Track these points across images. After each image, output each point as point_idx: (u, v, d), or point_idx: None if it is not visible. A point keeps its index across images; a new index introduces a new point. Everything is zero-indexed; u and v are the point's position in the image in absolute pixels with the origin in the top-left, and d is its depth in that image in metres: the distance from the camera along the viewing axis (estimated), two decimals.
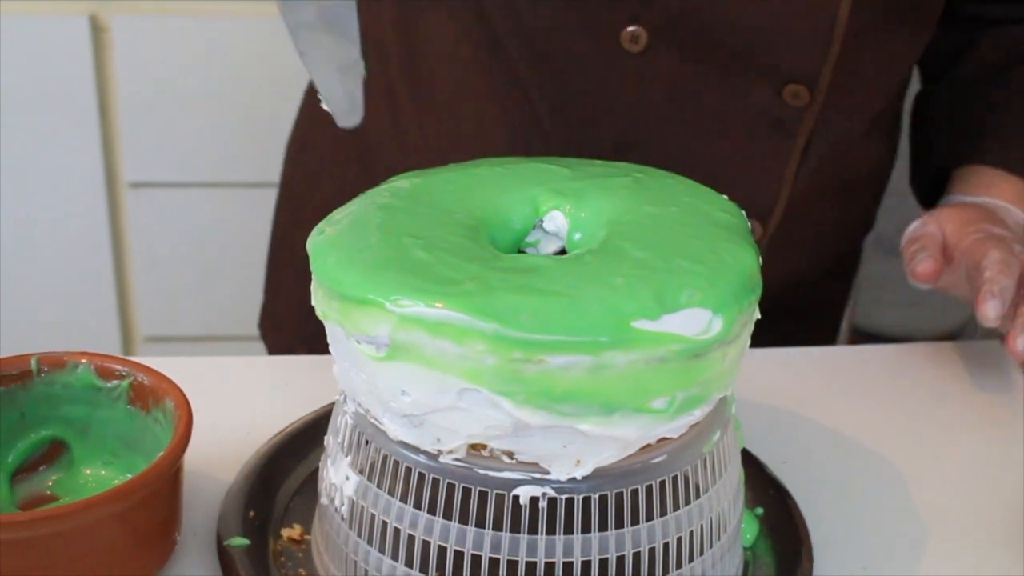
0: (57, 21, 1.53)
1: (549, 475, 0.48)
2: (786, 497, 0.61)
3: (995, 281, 0.67)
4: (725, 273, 0.49)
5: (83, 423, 0.59)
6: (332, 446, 0.54)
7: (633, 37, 0.74)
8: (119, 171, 1.61)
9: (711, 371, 0.48)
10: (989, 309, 0.66)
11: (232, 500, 0.59)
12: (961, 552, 0.61)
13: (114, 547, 0.52)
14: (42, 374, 0.58)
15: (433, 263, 0.48)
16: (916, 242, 0.75)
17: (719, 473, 0.53)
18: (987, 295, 0.67)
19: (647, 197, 0.55)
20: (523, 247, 0.56)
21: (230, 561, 0.55)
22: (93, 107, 1.56)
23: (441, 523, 0.49)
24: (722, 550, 0.54)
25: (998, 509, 0.64)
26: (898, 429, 0.72)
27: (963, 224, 0.75)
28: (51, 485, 0.59)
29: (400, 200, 0.54)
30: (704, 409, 0.50)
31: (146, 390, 0.57)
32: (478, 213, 0.54)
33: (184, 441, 0.53)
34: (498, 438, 0.47)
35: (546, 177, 0.57)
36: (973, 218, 0.76)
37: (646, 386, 0.46)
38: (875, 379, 0.77)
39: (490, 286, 0.46)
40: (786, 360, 0.79)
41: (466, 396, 0.46)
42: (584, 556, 0.49)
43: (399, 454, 0.50)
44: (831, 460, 0.68)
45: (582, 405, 0.46)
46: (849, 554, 0.60)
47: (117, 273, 1.68)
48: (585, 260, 0.50)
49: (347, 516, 0.52)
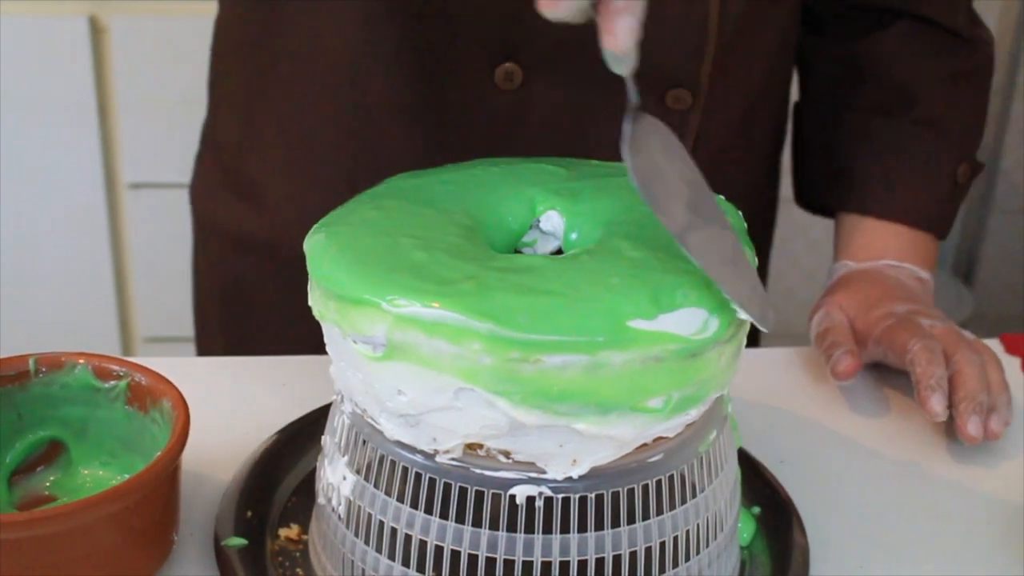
0: (56, 22, 1.53)
1: (545, 474, 0.48)
2: (783, 496, 0.61)
3: (929, 374, 0.68)
4: None
5: (81, 423, 0.59)
6: (329, 446, 0.54)
7: (507, 74, 0.73)
8: (118, 172, 1.62)
9: (707, 371, 0.49)
10: (935, 404, 0.67)
11: (230, 500, 0.59)
12: (959, 552, 0.61)
13: (112, 547, 0.52)
14: (40, 374, 0.58)
15: (430, 263, 0.48)
16: (827, 336, 0.75)
17: (715, 472, 0.53)
18: (928, 391, 0.68)
19: None
20: (520, 247, 0.56)
21: (228, 561, 0.55)
22: (92, 108, 1.56)
23: (438, 523, 0.50)
24: (718, 549, 0.54)
25: (996, 508, 0.64)
26: (896, 428, 0.72)
27: (868, 308, 0.76)
28: (49, 485, 0.59)
29: (397, 200, 0.54)
30: (700, 408, 0.50)
31: (144, 390, 0.57)
32: (475, 213, 0.54)
33: (181, 441, 0.53)
34: (494, 437, 0.47)
35: (543, 177, 0.57)
36: (873, 298, 0.77)
37: (642, 386, 0.46)
38: (873, 377, 0.77)
39: (486, 286, 0.47)
40: (784, 359, 0.79)
41: (462, 396, 0.46)
42: (580, 555, 0.49)
43: (396, 454, 0.50)
44: (828, 460, 0.68)
45: (578, 405, 0.46)
46: (846, 554, 0.60)
47: (116, 274, 1.68)
48: (581, 260, 0.50)
49: (344, 516, 0.52)
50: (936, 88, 0.83)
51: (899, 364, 0.72)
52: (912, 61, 0.84)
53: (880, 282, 0.79)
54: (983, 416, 0.67)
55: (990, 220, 2.30)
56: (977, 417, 0.67)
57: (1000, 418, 0.68)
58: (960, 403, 0.68)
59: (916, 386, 0.69)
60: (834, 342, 0.74)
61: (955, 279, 2.23)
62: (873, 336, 0.74)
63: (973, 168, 0.85)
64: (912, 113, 0.83)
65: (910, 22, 0.84)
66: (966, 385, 0.68)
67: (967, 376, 0.68)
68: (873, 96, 0.85)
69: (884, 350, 0.74)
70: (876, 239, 0.83)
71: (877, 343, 0.74)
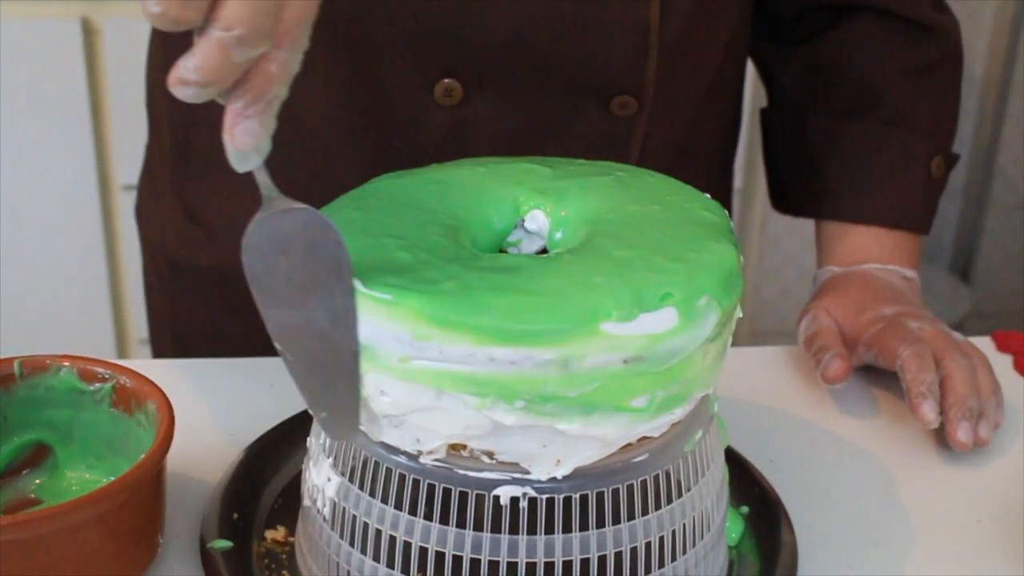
0: (49, 24, 1.52)
1: (529, 475, 0.48)
2: (772, 496, 0.61)
3: (919, 381, 0.68)
4: (705, 272, 0.49)
5: (66, 426, 0.59)
6: (314, 448, 0.54)
7: (447, 90, 0.73)
8: (112, 174, 1.61)
9: (691, 370, 0.48)
10: (927, 411, 0.67)
11: (216, 502, 0.58)
12: (948, 552, 0.61)
13: (97, 550, 0.52)
14: (24, 377, 0.58)
15: (413, 263, 0.48)
16: (816, 340, 0.75)
17: (702, 472, 0.53)
18: (919, 398, 0.67)
19: (629, 196, 0.55)
20: (505, 247, 0.56)
21: (213, 563, 0.55)
22: (85, 110, 1.56)
23: (422, 524, 0.49)
24: (705, 549, 0.53)
25: (986, 508, 0.64)
26: (886, 427, 0.72)
27: (856, 312, 0.76)
28: (35, 488, 0.59)
29: (381, 200, 0.54)
30: (685, 408, 0.50)
31: (129, 393, 0.57)
32: (459, 213, 0.54)
33: (166, 443, 0.53)
34: (477, 438, 0.47)
35: (528, 176, 0.57)
36: (861, 302, 0.77)
37: (625, 385, 0.46)
38: (863, 377, 0.76)
39: (469, 286, 0.46)
40: (774, 358, 0.79)
41: (444, 396, 0.46)
42: (566, 556, 0.49)
43: (380, 455, 0.50)
44: (818, 459, 0.68)
45: (560, 405, 0.46)
46: (835, 553, 0.60)
47: (111, 276, 1.68)
48: (565, 259, 0.50)
49: (329, 518, 0.52)
50: (901, 84, 0.82)
51: (889, 368, 0.72)
52: (874, 58, 0.83)
53: (866, 285, 0.79)
54: (973, 422, 0.67)
55: (987, 217, 2.30)
56: (967, 423, 0.67)
57: (989, 424, 0.68)
58: (950, 409, 0.67)
59: (907, 393, 0.68)
60: (823, 346, 0.74)
61: (952, 276, 2.23)
62: (862, 340, 0.74)
63: (948, 160, 0.84)
64: (878, 112, 0.82)
65: (871, 17, 0.83)
66: (956, 390, 0.68)
67: (957, 381, 0.68)
68: (838, 98, 0.84)
69: (874, 355, 0.73)
70: (857, 244, 0.82)
71: (867, 348, 0.74)
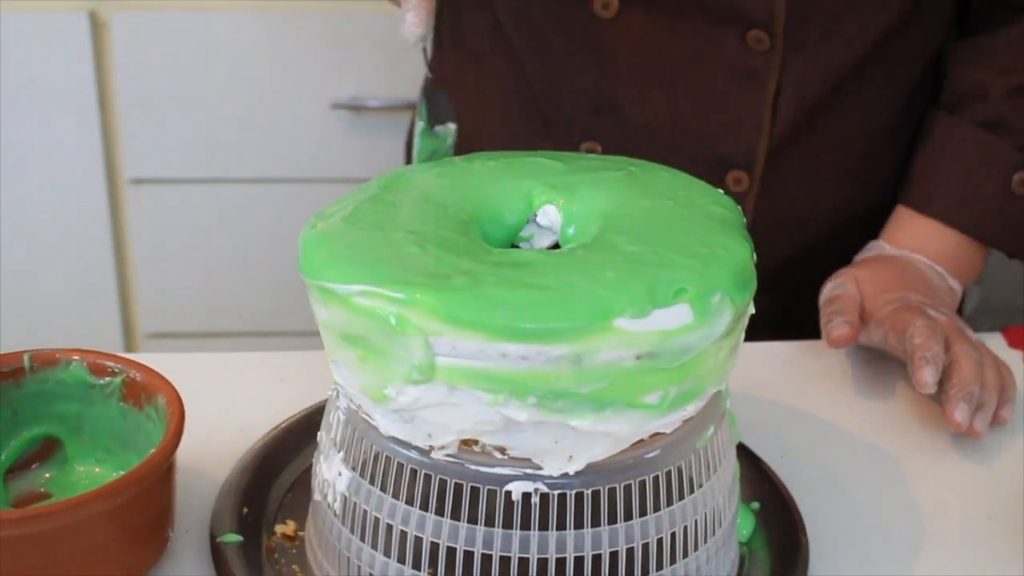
0: (57, 18, 1.52)
1: (541, 471, 0.48)
2: (783, 492, 0.61)
3: (926, 348, 0.68)
4: (718, 268, 0.49)
5: (76, 420, 0.59)
6: (325, 442, 0.54)
7: (604, 3, 0.78)
8: (120, 167, 1.61)
9: (704, 366, 0.48)
10: (926, 375, 0.67)
11: (225, 497, 0.58)
12: (959, 549, 0.61)
13: (106, 544, 0.51)
14: (34, 371, 0.58)
15: (424, 258, 0.48)
16: (834, 303, 0.75)
17: (713, 468, 0.53)
18: (922, 362, 0.67)
19: (641, 190, 0.55)
20: (517, 241, 0.56)
21: (223, 558, 0.54)
22: (93, 103, 1.56)
23: (433, 519, 0.49)
24: (717, 545, 0.53)
25: (997, 506, 0.64)
26: (897, 424, 0.71)
27: (881, 290, 0.76)
28: (45, 483, 0.59)
29: (393, 195, 0.54)
30: (697, 404, 0.50)
31: (139, 387, 0.57)
32: (471, 208, 0.54)
33: (176, 438, 0.53)
34: (489, 433, 0.47)
35: (540, 171, 0.57)
36: (891, 283, 0.77)
37: (638, 381, 0.46)
38: (875, 372, 0.76)
39: (480, 281, 0.46)
40: (784, 354, 0.79)
41: (456, 392, 0.46)
42: (577, 552, 0.49)
43: (391, 450, 0.50)
44: (829, 455, 0.68)
45: (572, 401, 0.46)
46: (846, 550, 0.60)
47: (118, 270, 1.68)
48: (577, 254, 0.49)
49: (340, 512, 0.52)
50: (1014, 96, 0.81)
51: (899, 349, 0.71)
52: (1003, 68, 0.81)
53: (904, 271, 0.79)
54: (972, 407, 0.67)
55: None
56: (966, 405, 0.66)
57: (985, 417, 0.68)
58: (951, 389, 0.67)
59: (911, 358, 0.68)
60: (838, 309, 0.74)
61: None
62: (876, 317, 0.74)
63: None
64: (976, 112, 0.81)
65: None
66: (960, 374, 0.67)
67: (963, 367, 0.68)
68: (949, 91, 0.84)
69: (885, 331, 0.73)
70: (919, 234, 0.82)
71: (879, 324, 0.73)
